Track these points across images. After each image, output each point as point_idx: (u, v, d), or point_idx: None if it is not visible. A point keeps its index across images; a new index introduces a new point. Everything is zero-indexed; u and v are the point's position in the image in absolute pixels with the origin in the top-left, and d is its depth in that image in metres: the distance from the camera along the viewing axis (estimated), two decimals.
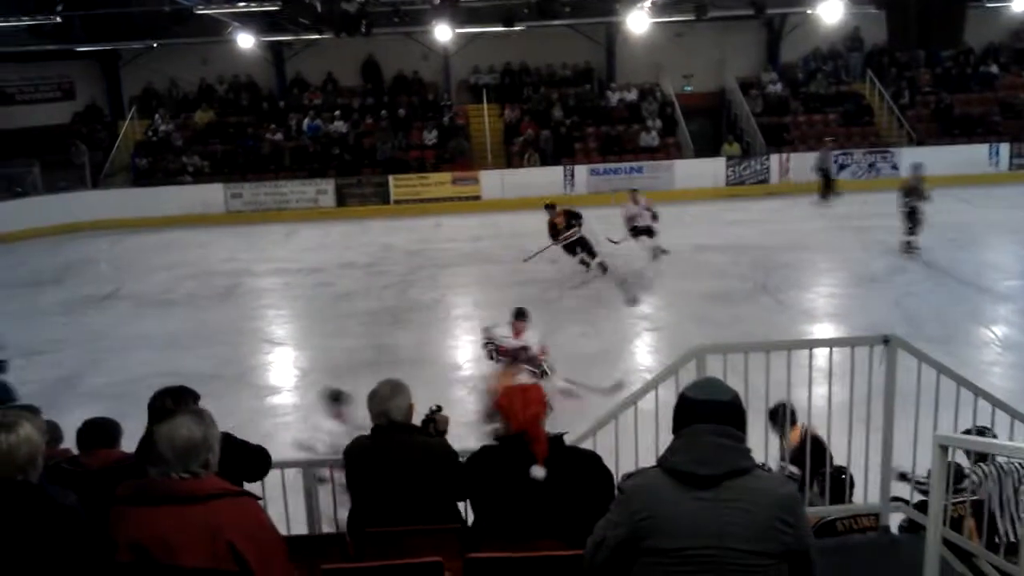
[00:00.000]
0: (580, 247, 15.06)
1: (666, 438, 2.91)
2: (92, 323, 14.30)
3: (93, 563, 2.95)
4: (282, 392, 11.18)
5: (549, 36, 25.05)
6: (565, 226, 15.04)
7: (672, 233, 16.54)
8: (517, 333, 9.49)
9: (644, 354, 12.02)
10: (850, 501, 5.34)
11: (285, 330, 14.01)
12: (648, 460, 3.12)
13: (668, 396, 5.28)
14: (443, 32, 21.79)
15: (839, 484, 5.46)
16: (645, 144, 24.06)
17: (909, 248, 15.58)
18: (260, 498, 3.20)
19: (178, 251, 19.12)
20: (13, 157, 22.88)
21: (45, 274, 17.80)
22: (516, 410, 3.79)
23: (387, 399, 4.21)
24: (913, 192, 15.44)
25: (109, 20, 22.09)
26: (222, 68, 26.21)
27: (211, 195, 22.84)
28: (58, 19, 20.34)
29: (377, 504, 4.14)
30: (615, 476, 4.02)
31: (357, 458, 4.24)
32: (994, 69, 25.38)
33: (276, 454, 4.79)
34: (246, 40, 22.36)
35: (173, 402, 4.21)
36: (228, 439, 4.37)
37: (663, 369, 5.71)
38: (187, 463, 3.01)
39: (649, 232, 15.68)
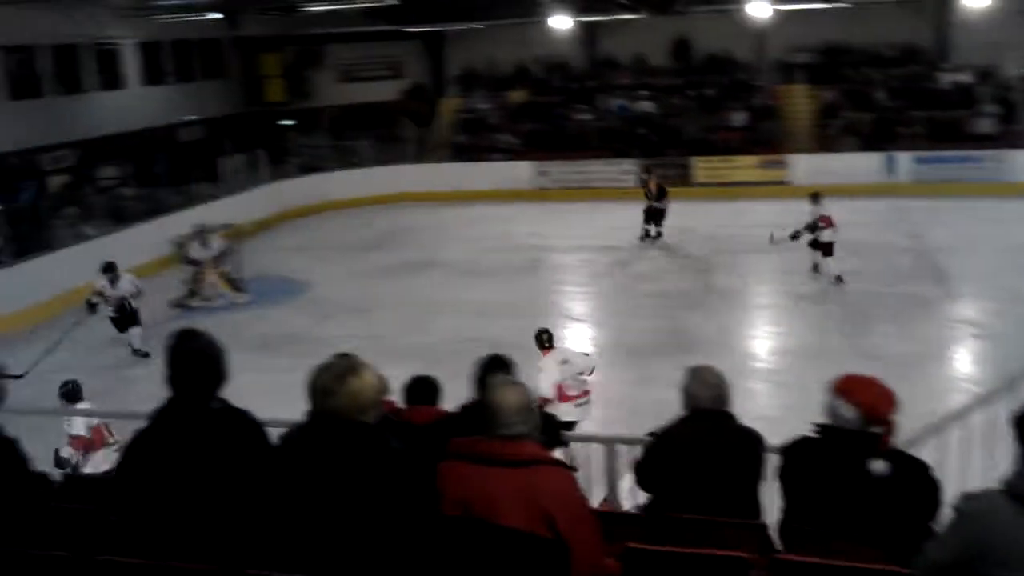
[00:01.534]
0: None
1: (1001, 459, 2.61)
2: (407, 287, 15.31)
3: (421, 508, 3.10)
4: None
5: (872, 12, 23.46)
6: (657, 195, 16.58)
7: (1009, 231, 14.98)
8: None
9: (967, 364, 10.96)
10: None
11: (583, 306, 14.27)
12: (975, 482, 2.83)
13: (1001, 412, 4.79)
14: (759, 9, 21.04)
15: None
16: (980, 131, 21.91)
17: None
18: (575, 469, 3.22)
19: (487, 224, 19.99)
20: (349, 130, 25.07)
21: (372, 239, 19.33)
22: (868, 400, 3.56)
23: (704, 386, 4.13)
24: None
25: (437, 2, 23.47)
26: (537, 48, 26.98)
27: (520, 172, 23.66)
28: (394, 1, 21.85)
29: (683, 490, 4.07)
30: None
31: (664, 444, 4.18)
32: None
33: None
34: (561, 21, 22.88)
35: (500, 368, 4.41)
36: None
37: (1000, 382, 5.16)
38: (513, 427, 3.11)
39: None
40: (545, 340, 8.52)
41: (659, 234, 17.17)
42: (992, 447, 4.67)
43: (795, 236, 14.20)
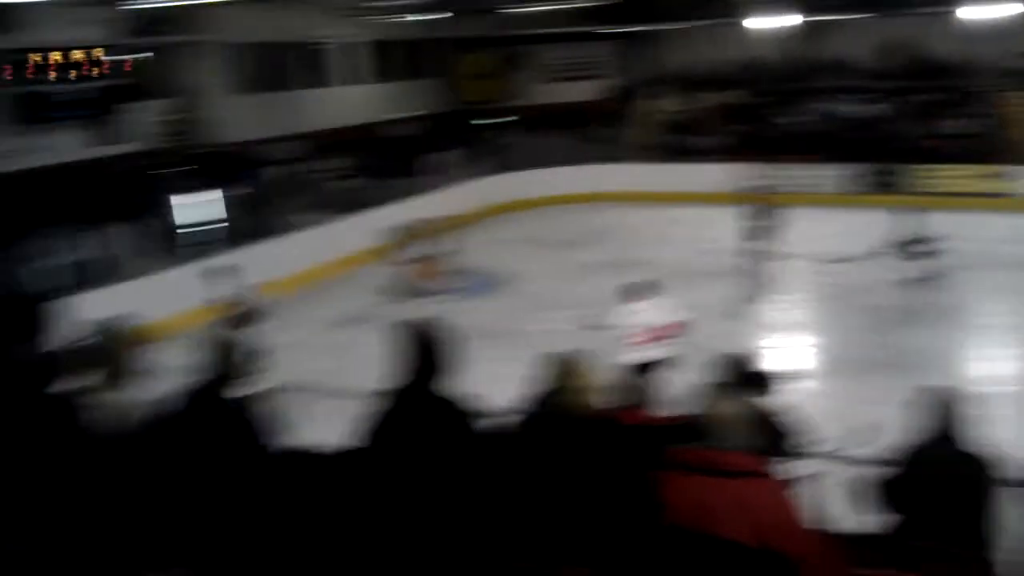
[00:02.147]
0: None
1: None
2: (611, 285, 15.29)
3: (640, 511, 3.14)
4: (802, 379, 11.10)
5: None
6: None
7: None
8: None
9: None
10: None
11: (791, 316, 13.84)
12: None
13: None
14: (983, 11, 19.65)
15: None
16: None
17: None
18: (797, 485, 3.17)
19: (689, 227, 19.74)
20: (549, 129, 25.40)
21: (571, 237, 19.53)
22: None
23: (947, 410, 4.00)
24: None
25: (643, 3, 23.38)
26: (741, 49, 26.37)
27: (722, 175, 23.19)
28: (599, 3, 21.96)
29: (923, 516, 3.94)
30: None
31: (905, 467, 4.07)
32: None
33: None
34: (767, 21, 22.24)
35: (731, 374, 4.40)
36: (768, 410, 4.48)
37: None
38: (732, 439, 3.09)
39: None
40: (639, 290, 9.38)
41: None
42: None
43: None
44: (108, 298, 12.11)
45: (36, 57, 15.69)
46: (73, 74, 16.25)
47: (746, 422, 3.16)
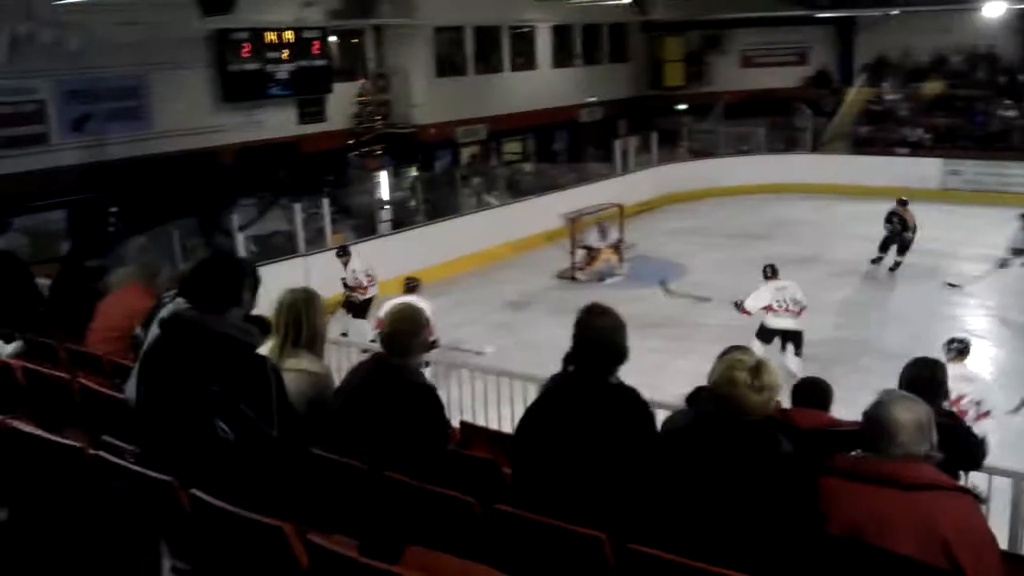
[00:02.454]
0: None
1: None
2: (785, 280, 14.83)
3: (804, 518, 3.00)
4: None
5: None
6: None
7: None
8: None
9: None
10: None
11: (982, 322, 12.95)
12: None
13: None
14: None
15: None
16: None
17: None
18: (983, 500, 2.95)
19: (867, 224, 18.76)
20: (744, 116, 24.72)
21: (754, 229, 18.95)
22: None
23: None
24: None
25: None
26: (961, 38, 24.70)
27: (927, 170, 21.90)
28: None
29: None
30: None
31: None
32: None
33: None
34: (995, 9, 20.69)
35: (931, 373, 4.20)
36: (949, 418, 4.21)
37: None
38: (908, 447, 2.91)
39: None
40: (768, 272, 10.64)
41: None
42: None
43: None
44: (289, 268, 12.68)
45: (262, 36, 16.62)
46: (284, 54, 17.12)
47: (926, 428, 2.96)
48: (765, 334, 10.50)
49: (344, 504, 3.50)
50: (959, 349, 7.76)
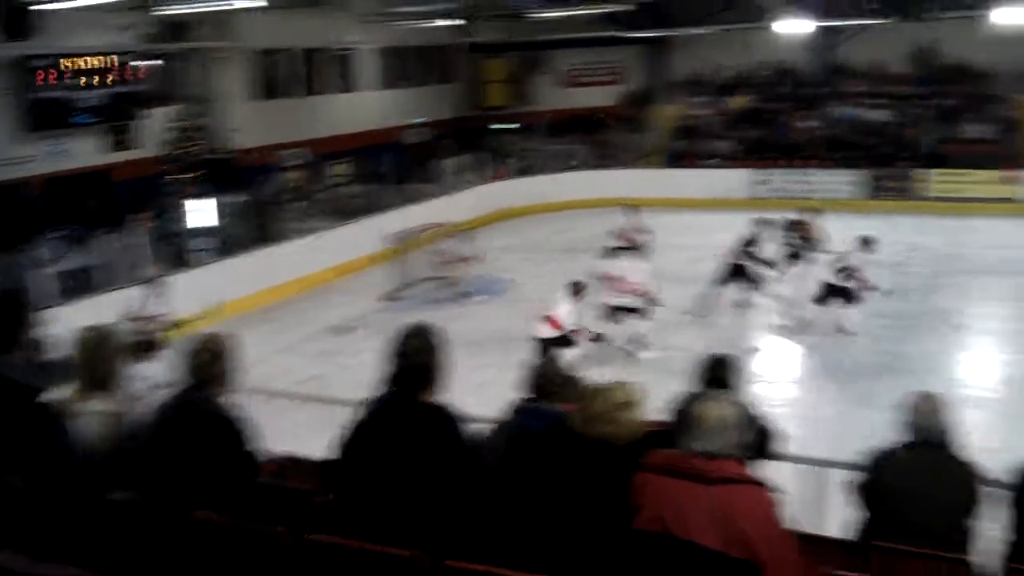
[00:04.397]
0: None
1: None
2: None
3: (614, 517, 3.07)
4: (777, 383, 10.99)
5: None
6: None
7: None
8: None
9: None
10: None
11: (785, 320, 13.71)
12: None
13: None
14: (1008, 16, 19.47)
15: None
16: None
17: None
18: (778, 490, 3.08)
19: (697, 234, 19.61)
20: (565, 135, 25.37)
21: (580, 243, 19.41)
22: None
23: (930, 415, 3.95)
24: None
25: (662, 8, 23.28)
26: (764, 54, 26.24)
27: (736, 180, 23.08)
28: (622, 8, 21.87)
29: (893, 519, 3.90)
30: None
31: (884, 470, 4.01)
32: None
33: None
34: (793, 25, 22.11)
35: (723, 372, 4.35)
36: (747, 411, 4.40)
37: None
38: (714, 442, 3.01)
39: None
40: (577, 290, 10.72)
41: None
42: None
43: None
44: (100, 305, 11.99)
45: (62, 62, 15.73)
46: (92, 80, 16.29)
47: (730, 424, 3.08)
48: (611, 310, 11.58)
49: (147, 546, 3.33)
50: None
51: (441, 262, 15.69)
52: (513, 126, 27.80)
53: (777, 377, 11.29)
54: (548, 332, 10.52)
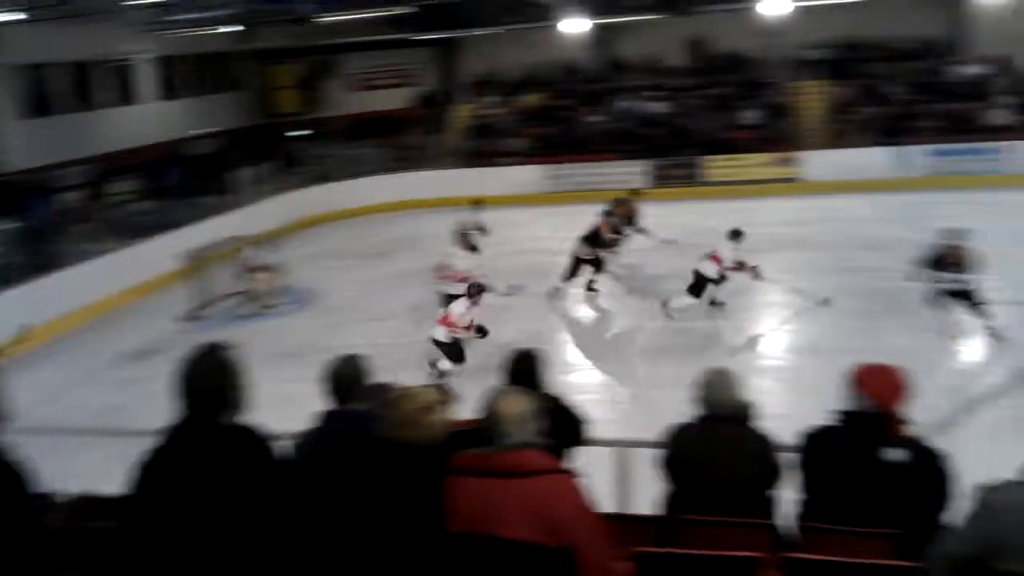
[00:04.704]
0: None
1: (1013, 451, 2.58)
2: (420, 294, 15.32)
3: (426, 524, 3.09)
4: (585, 369, 11.38)
5: (886, 6, 23.44)
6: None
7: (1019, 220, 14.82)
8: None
9: (981, 357, 10.82)
10: None
11: (594, 308, 14.21)
12: (983, 476, 2.80)
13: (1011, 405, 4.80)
14: (774, 6, 20.98)
15: None
16: (994, 123, 21.75)
17: None
18: (584, 475, 3.21)
19: (499, 230, 19.93)
20: (361, 139, 25.17)
21: (384, 247, 19.38)
22: (880, 389, 3.58)
23: (720, 389, 4.15)
24: None
25: (450, 10, 23.54)
26: (551, 52, 27.01)
27: (531, 176, 23.65)
28: (408, 10, 21.93)
29: (696, 492, 4.09)
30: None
31: (682, 444, 4.20)
32: None
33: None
34: (574, 24, 22.87)
35: (530, 362, 4.46)
36: (555, 402, 4.53)
37: (1011, 377, 5.14)
38: (515, 436, 3.09)
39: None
40: (473, 291, 10.75)
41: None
42: (1001, 439, 4.68)
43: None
44: None
45: None
46: None
47: (531, 417, 3.15)
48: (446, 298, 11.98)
49: None
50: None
51: (242, 276, 15.17)
52: (306, 132, 27.33)
53: (585, 364, 11.64)
54: (443, 334, 10.54)
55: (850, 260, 14.85)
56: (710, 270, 12.45)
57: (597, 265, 14.29)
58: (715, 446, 4.11)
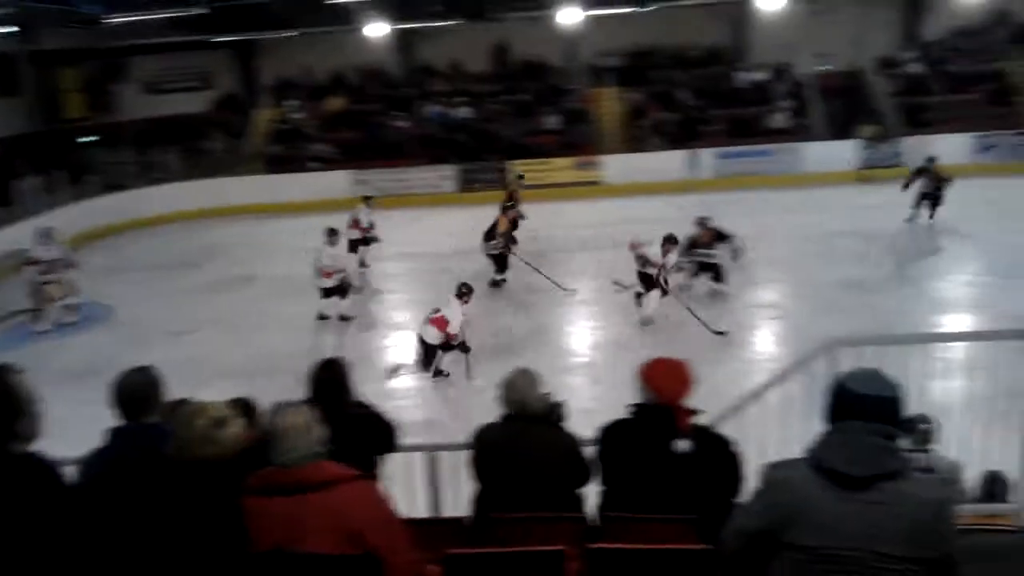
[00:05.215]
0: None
1: (797, 431, 2.81)
2: (225, 304, 14.86)
3: (227, 547, 3.02)
4: (402, 376, 11.38)
5: (679, 16, 24.72)
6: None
7: (802, 219, 16.02)
8: (665, 254, 11.95)
9: (769, 344, 11.71)
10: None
11: (406, 314, 14.21)
12: (772, 457, 3.03)
13: (795, 388, 5.18)
14: (571, 15, 21.66)
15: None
16: (775, 126, 23.38)
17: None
18: (377, 479, 3.23)
19: (306, 237, 19.54)
20: (154, 145, 24.03)
21: (185, 257, 18.61)
22: (664, 383, 3.77)
23: (524, 389, 4.24)
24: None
25: (247, 11, 22.86)
26: (354, 56, 26.76)
27: (337, 181, 23.38)
28: (201, 11, 21.12)
29: (504, 491, 4.17)
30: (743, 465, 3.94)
31: (488, 444, 4.27)
32: None
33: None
34: (376, 28, 22.76)
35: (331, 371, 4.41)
36: (362, 408, 4.51)
37: (793, 361, 5.54)
38: (302, 450, 3.06)
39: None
40: (463, 292, 10.63)
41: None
42: (787, 421, 5.05)
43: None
44: None
45: None
46: None
47: (315, 428, 3.12)
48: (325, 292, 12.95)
49: None
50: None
51: (32, 291, 14.14)
52: (93, 138, 25.81)
53: (401, 369, 11.61)
54: (435, 336, 10.31)
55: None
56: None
57: (500, 261, 14.65)
58: (520, 445, 4.20)
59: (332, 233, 13.44)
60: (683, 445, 3.69)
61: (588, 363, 11.23)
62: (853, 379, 2.79)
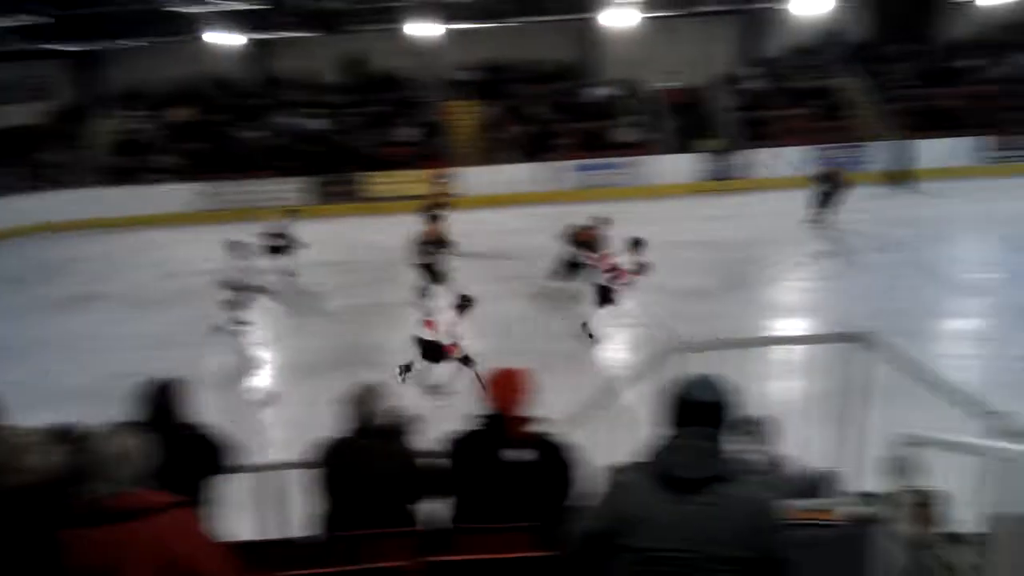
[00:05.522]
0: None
1: (645, 436, 2.89)
2: (64, 324, 14.14)
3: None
4: (253, 391, 11.11)
5: (530, 32, 25.09)
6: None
7: (646, 230, 16.42)
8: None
9: (621, 351, 11.98)
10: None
11: (258, 329, 13.86)
12: (624, 458, 3.09)
13: (643, 393, 5.33)
14: (426, 28, 21.68)
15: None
16: (623, 140, 24.04)
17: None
18: (203, 504, 3.12)
19: (153, 251, 18.95)
20: None
21: (15, 275, 17.61)
22: (498, 392, 3.80)
23: (368, 403, 4.21)
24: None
25: (87, 19, 21.85)
26: (203, 66, 25.99)
27: (186, 194, 22.63)
28: (40, 18, 20.06)
29: (348, 507, 4.12)
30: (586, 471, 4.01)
31: (335, 458, 4.21)
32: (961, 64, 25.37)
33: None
34: (227, 38, 22.18)
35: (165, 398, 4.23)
36: (193, 430, 4.35)
37: (640, 367, 5.69)
38: (120, 477, 2.93)
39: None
40: (463, 303, 10.08)
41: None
42: (636, 426, 5.19)
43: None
44: None
45: None
46: None
47: (132, 455, 2.99)
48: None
49: None
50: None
51: None
52: None
53: (239, 386, 11.31)
54: (427, 332, 10.01)
55: (504, 268, 15.64)
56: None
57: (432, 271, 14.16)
58: (363, 460, 4.17)
59: (238, 246, 12.75)
60: (514, 454, 3.72)
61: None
62: (684, 385, 2.90)
